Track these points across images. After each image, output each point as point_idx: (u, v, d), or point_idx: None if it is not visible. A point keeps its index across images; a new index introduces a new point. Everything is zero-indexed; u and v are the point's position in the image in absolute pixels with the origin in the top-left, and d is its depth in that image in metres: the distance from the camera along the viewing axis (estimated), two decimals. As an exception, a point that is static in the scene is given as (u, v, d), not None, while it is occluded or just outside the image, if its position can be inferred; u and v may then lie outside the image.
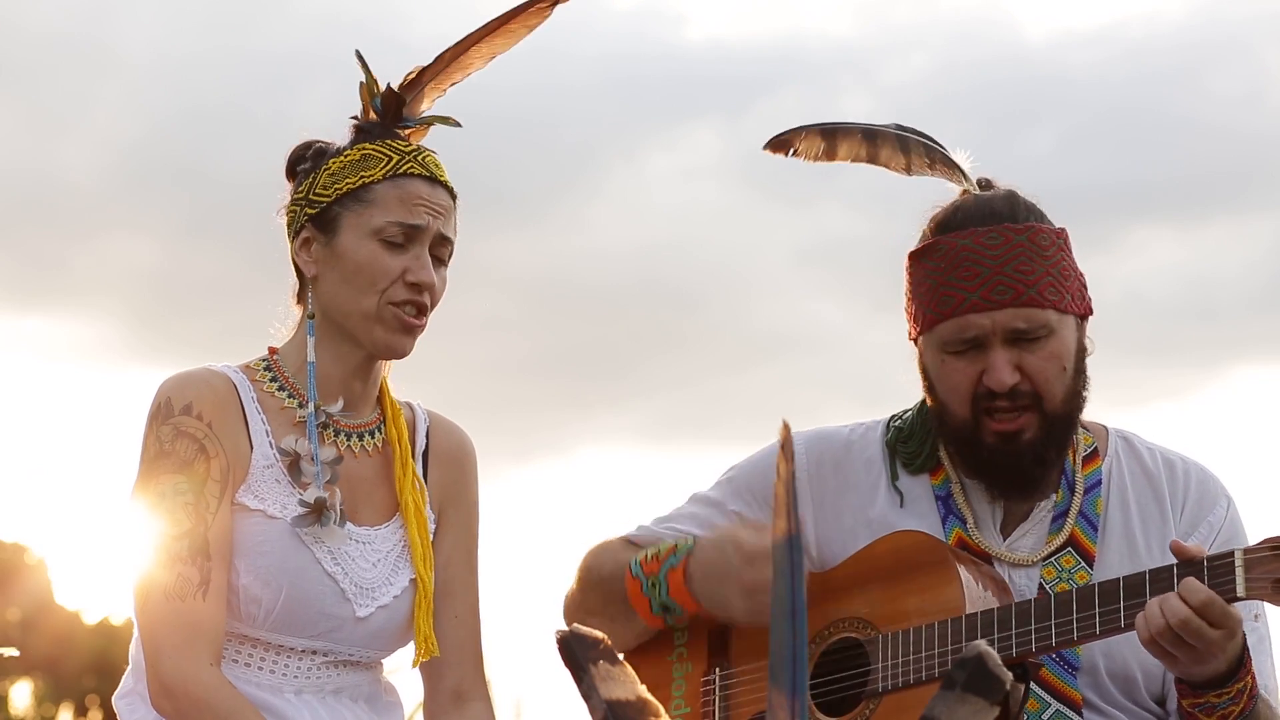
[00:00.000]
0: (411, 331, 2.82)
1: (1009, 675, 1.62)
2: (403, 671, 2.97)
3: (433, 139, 2.96)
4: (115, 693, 2.87)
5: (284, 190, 2.93)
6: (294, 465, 2.79)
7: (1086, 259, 2.99)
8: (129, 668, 2.85)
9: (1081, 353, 2.94)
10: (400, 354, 2.84)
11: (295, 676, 2.81)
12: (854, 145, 3.17)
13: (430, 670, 2.92)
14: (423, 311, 2.83)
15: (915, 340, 3.01)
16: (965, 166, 3.11)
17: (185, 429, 2.77)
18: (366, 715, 2.87)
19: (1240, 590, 2.62)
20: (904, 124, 3.17)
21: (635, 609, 3.02)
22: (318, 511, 2.76)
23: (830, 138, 3.17)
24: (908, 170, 3.15)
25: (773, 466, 3.08)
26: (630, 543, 3.15)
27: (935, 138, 3.16)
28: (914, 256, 2.98)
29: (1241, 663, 2.70)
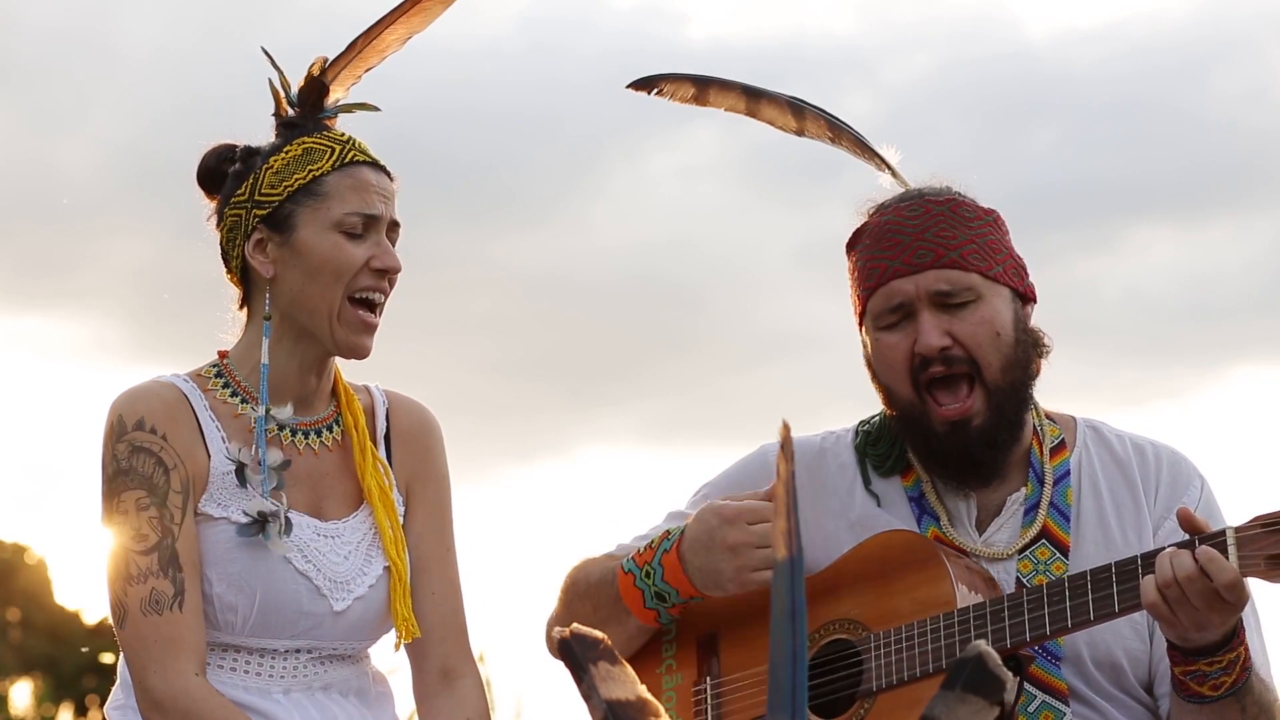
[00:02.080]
0: (372, 330, 2.83)
1: (1009, 675, 1.62)
2: (400, 672, 2.97)
3: (431, 139, 2.97)
4: (107, 703, 2.88)
5: (203, 199, 2.90)
6: (240, 473, 2.79)
7: (1087, 258, 3.00)
8: (117, 681, 2.85)
9: (1022, 327, 2.94)
10: (361, 354, 2.85)
11: (282, 676, 2.81)
12: (731, 98, 3.22)
13: (415, 651, 2.91)
14: (384, 298, 2.83)
15: (862, 339, 3.02)
16: (893, 160, 3.13)
17: (140, 444, 2.77)
18: (357, 709, 2.87)
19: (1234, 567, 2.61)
20: (809, 101, 3.20)
21: (628, 605, 3.02)
22: (261, 524, 2.76)
23: (702, 87, 3.22)
24: (800, 132, 3.19)
25: (747, 479, 3.11)
26: (613, 558, 3.15)
27: (854, 126, 3.18)
28: (847, 247, 3.02)
29: (1235, 633, 2.70)
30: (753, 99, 3.20)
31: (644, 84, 3.24)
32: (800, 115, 3.19)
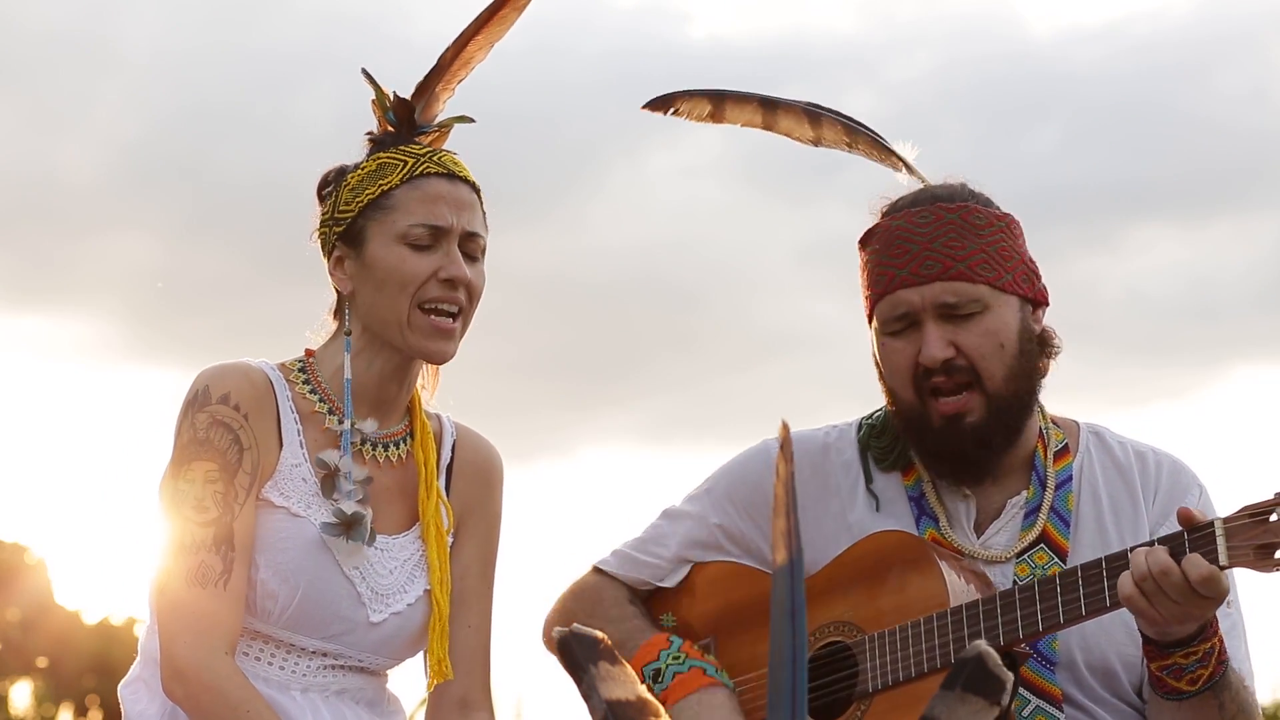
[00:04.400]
0: (447, 335, 2.83)
1: (1009, 675, 1.62)
2: (402, 671, 2.98)
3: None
4: (122, 680, 2.89)
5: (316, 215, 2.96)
6: (329, 479, 2.81)
7: (1089, 257, 3.00)
8: (137, 657, 2.87)
9: (1028, 335, 2.93)
10: (441, 358, 2.86)
11: (304, 675, 2.82)
12: (747, 112, 3.19)
13: None
14: (460, 311, 2.84)
15: (870, 335, 3.02)
16: (909, 157, 3.11)
17: (221, 418, 2.79)
18: (369, 718, 2.87)
19: (1223, 559, 2.62)
20: (825, 105, 3.17)
21: (640, 655, 3.01)
22: (348, 526, 2.78)
23: (718, 103, 3.19)
24: (816, 142, 3.17)
25: (751, 474, 3.09)
26: (614, 580, 3.14)
27: (871, 126, 3.15)
28: (860, 244, 3.02)
29: (1209, 624, 2.69)
30: (769, 110, 3.17)
31: (659, 104, 3.20)
32: (817, 122, 3.16)
